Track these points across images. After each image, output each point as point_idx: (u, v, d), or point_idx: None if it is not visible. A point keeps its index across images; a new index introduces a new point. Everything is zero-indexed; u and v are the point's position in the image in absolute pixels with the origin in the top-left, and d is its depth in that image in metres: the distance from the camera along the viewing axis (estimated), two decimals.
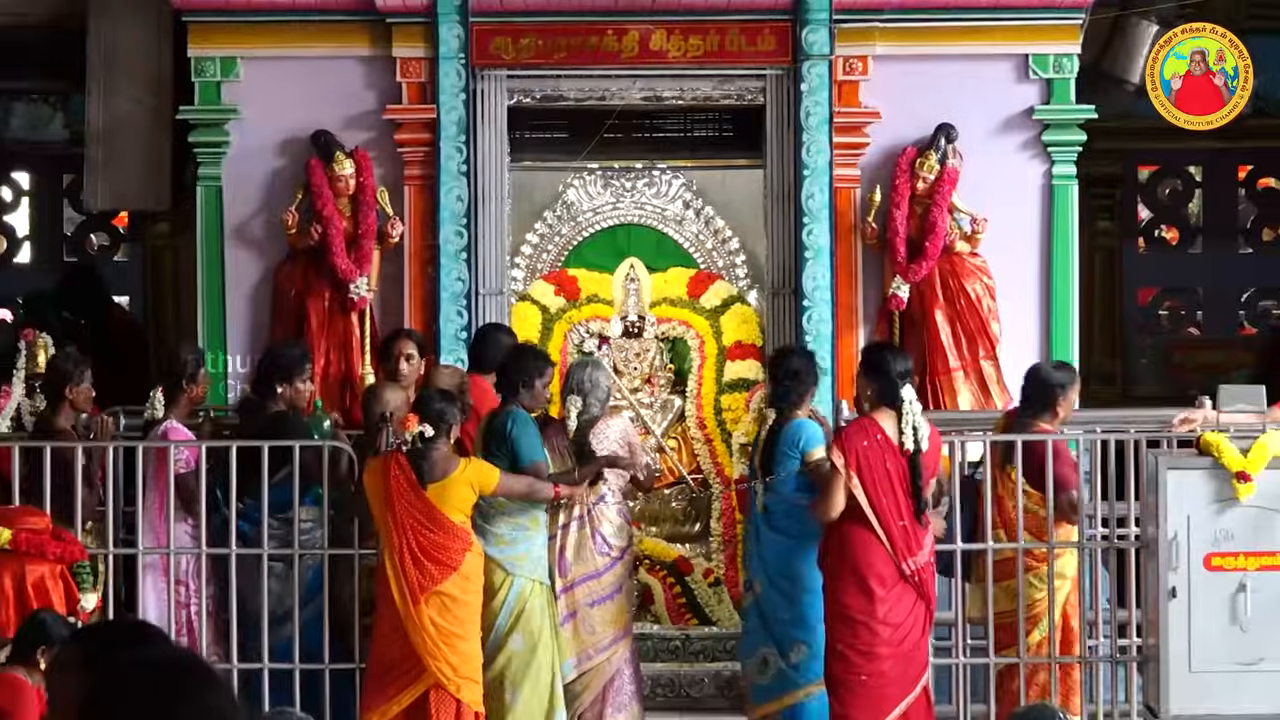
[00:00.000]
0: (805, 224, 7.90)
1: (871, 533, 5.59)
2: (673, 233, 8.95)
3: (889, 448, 5.61)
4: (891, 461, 5.60)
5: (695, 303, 8.76)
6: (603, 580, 6.06)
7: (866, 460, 5.59)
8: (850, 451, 5.63)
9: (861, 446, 5.62)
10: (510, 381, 6.12)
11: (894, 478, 5.59)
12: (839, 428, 6.32)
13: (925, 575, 5.65)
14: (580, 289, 8.80)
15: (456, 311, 7.89)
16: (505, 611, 5.86)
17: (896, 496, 5.58)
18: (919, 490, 5.60)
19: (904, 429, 5.59)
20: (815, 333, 7.86)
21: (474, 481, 5.75)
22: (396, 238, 7.97)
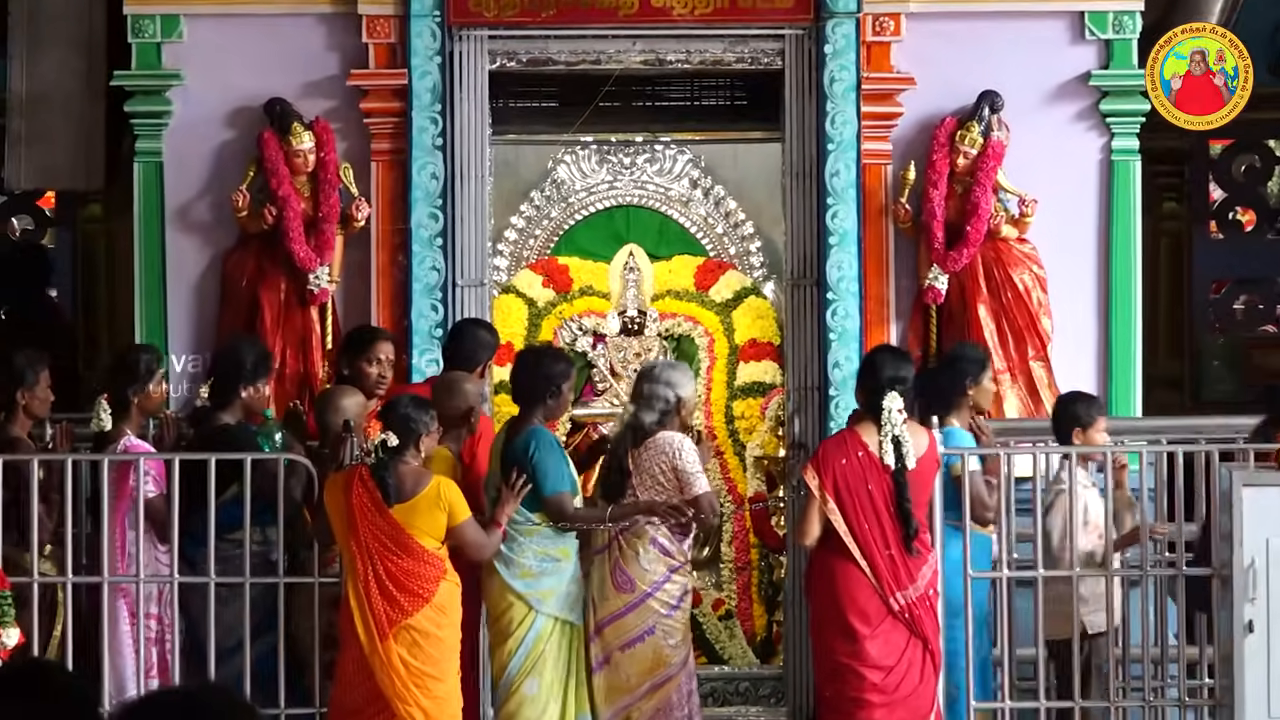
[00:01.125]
0: (829, 205, 7.89)
1: (853, 563, 5.57)
2: (678, 215, 8.99)
3: (871, 465, 5.59)
4: (875, 482, 5.57)
5: (704, 295, 8.80)
6: (626, 621, 5.92)
7: (844, 480, 5.57)
8: (825, 471, 5.60)
9: (839, 465, 5.60)
10: (530, 391, 5.99)
11: (877, 500, 5.57)
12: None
13: (921, 611, 5.61)
14: (572, 280, 8.83)
15: (431, 305, 7.87)
16: (522, 652, 5.83)
17: (881, 522, 5.55)
18: (907, 514, 5.56)
19: (883, 441, 5.57)
20: (840, 330, 7.84)
21: (447, 504, 5.71)
22: (362, 221, 7.96)
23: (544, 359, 6.10)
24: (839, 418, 7.45)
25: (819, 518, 5.61)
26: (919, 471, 5.63)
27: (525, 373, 6.03)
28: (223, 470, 6.02)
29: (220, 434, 6.29)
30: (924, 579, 5.65)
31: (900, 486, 5.56)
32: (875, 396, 5.65)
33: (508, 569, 5.86)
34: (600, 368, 8.72)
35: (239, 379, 6.34)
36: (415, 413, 5.69)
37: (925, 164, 7.97)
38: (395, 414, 5.70)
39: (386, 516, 5.65)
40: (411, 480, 5.70)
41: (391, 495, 5.65)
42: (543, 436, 5.89)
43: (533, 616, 5.85)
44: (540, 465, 5.81)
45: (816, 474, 5.63)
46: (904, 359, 5.83)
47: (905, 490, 5.56)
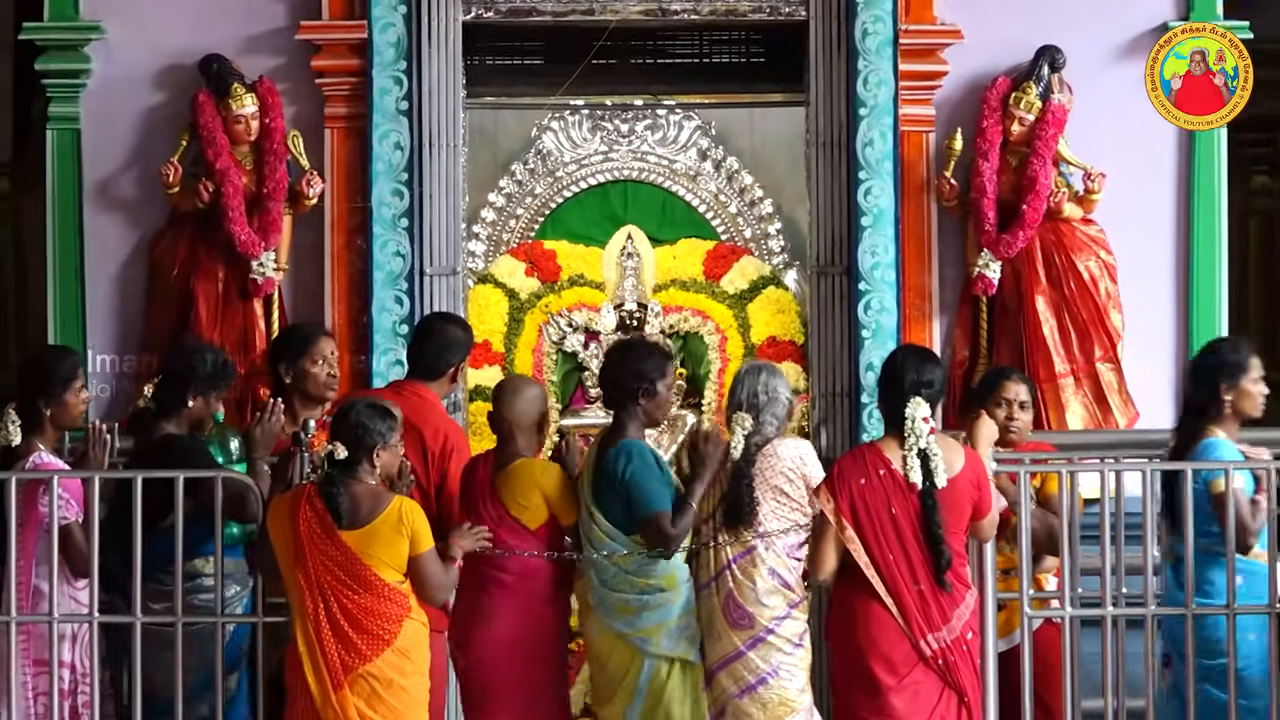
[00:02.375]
0: (862, 180, 7.87)
1: (876, 601, 5.55)
2: (684, 192, 8.96)
3: (895, 485, 5.56)
4: (899, 504, 5.54)
5: (714, 286, 8.77)
6: (745, 663, 5.83)
7: (864, 503, 5.54)
8: (842, 491, 5.56)
9: (858, 485, 5.57)
10: (621, 390, 5.93)
11: (903, 526, 5.55)
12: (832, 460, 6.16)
13: (956, 657, 5.57)
14: (560, 267, 8.80)
15: (394, 297, 7.87)
16: (637, 705, 5.79)
17: (908, 551, 5.53)
18: (938, 542, 5.53)
19: (907, 455, 5.56)
20: (874, 325, 7.83)
21: (409, 529, 5.67)
22: (314, 198, 7.96)
23: (634, 352, 6.02)
24: (874, 429, 7.46)
25: (835, 547, 5.59)
26: (952, 492, 5.57)
27: (612, 370, 5.99)
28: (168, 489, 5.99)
29: (163, 446, 6.24)
30: (959, 620, 5.62)
31: (929, 509, 5.53)
32: (897, 404, 5.64)
33: (603, 607, 5.83)
34: (593, 370, 8.67)
35: (197, 385, 6.32)
36: (370, 420, 5.65)
37: (974, 132, 7.96)
38: (345, 421, 5.65)
39: (339, 544, 5.63)
40: (368, 501, 5.66)
41: (344, 518, 5.62)
42: (635, 449, 5.84)
43: (640, 661, 5.81)
44: (635, 483, 5.76)
45: (831, 496, 5.60)
46: (929, 359, 5.77)
47: (935, 514, 5.52)
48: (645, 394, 5.90)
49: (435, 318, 6.91)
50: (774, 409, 5.99)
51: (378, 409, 5.72)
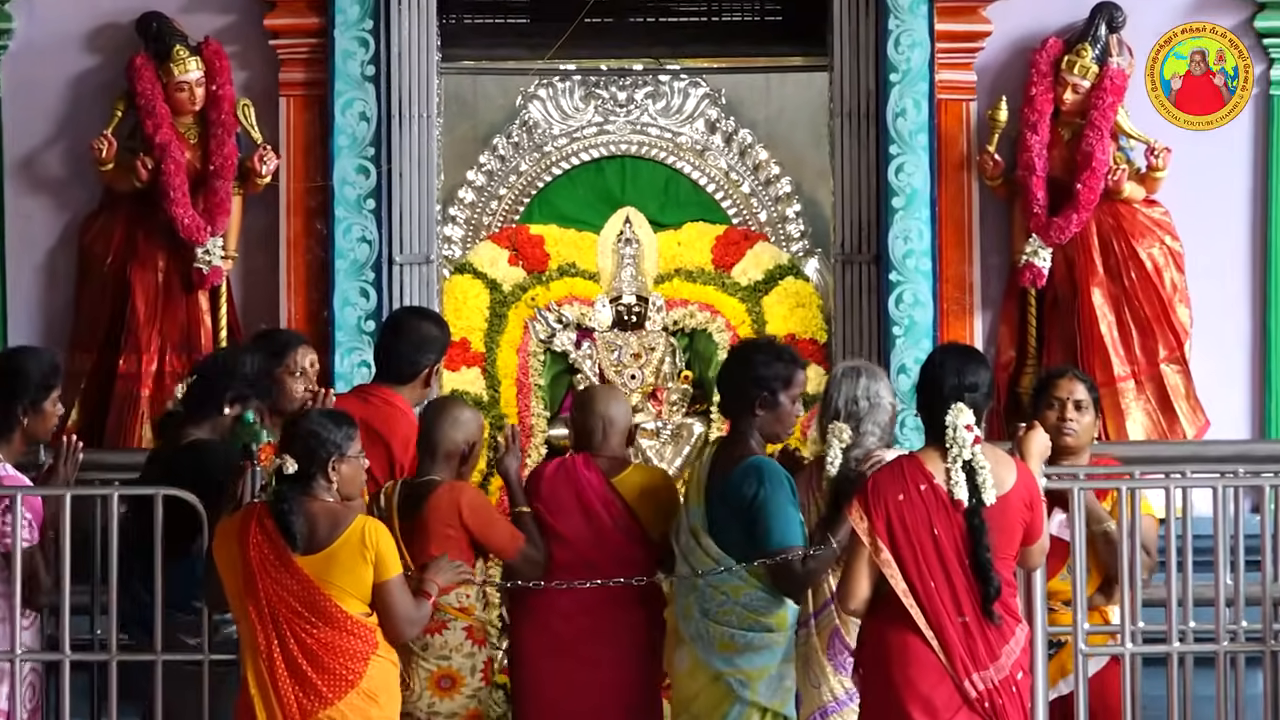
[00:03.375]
0: (893, 156, 7.86)
1: (914, 635, 5.49)
2: (690, 169, 8.94)
3: (937, 502, 5.50)
4: (942, 524, 5.48)
5: (724, 276, 8.74)
6: (845, 717, 5.82)
7: (902, 522, 5.47)
8: (877, 509, 5.48)
9: (895, 502, 5.49)
10: (739, 396, 5.92)
11: (946, 549, 5.49)
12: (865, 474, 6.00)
13: (1005, 699, 5.52)
14: (549, 255, 8.78)
15: (360, 290, 7.87)
16: None
17: (951, 578, 5.48)
18: (986, 568, 5.47)
19: (950, 468, 5.51)
20: (907, 322, 7.84)
21: (373, 553, 5.62)
22: (268, 177, 7.96)
23: (758, 354, 5.97)
24: (911, 440, 7.44)
25: (868, 573, 5.52)
26: (1002, 511, 5.52)
27: (731, 373, 5.96)
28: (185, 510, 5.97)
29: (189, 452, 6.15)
30: (1009, 657, 5.55)
31: (976, 530, 5.46)
32: (936, 411, 5.58)
33: (701, 640, 5.81)
34: (586, 373, 8.66)
35: (226, 390, 6.23)
36: (324, 429, 5.65)
37: (1021, 100, 7.96)
38: (296, 431, 5.65)
39: (293, 570, 5.59)
40: (326, 521, 5.62)
41: (298, 541, 5.58)
42: (769, 471, 5.77)
43: (731, 705, 5.79)
44: (769, 511, 5.73)
45: (865, 514, 5.49)
46: (973, 360, 5.66)
47: (983, 535, 5.46)
48: (764, 404, 5.86)
49: (407, 313, 6.91)
50: (876, 416, 5.96)
51: (332, 416, 5.73)
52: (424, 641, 5.99)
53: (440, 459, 6.09)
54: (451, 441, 6.09)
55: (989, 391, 5.67)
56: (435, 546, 5.99)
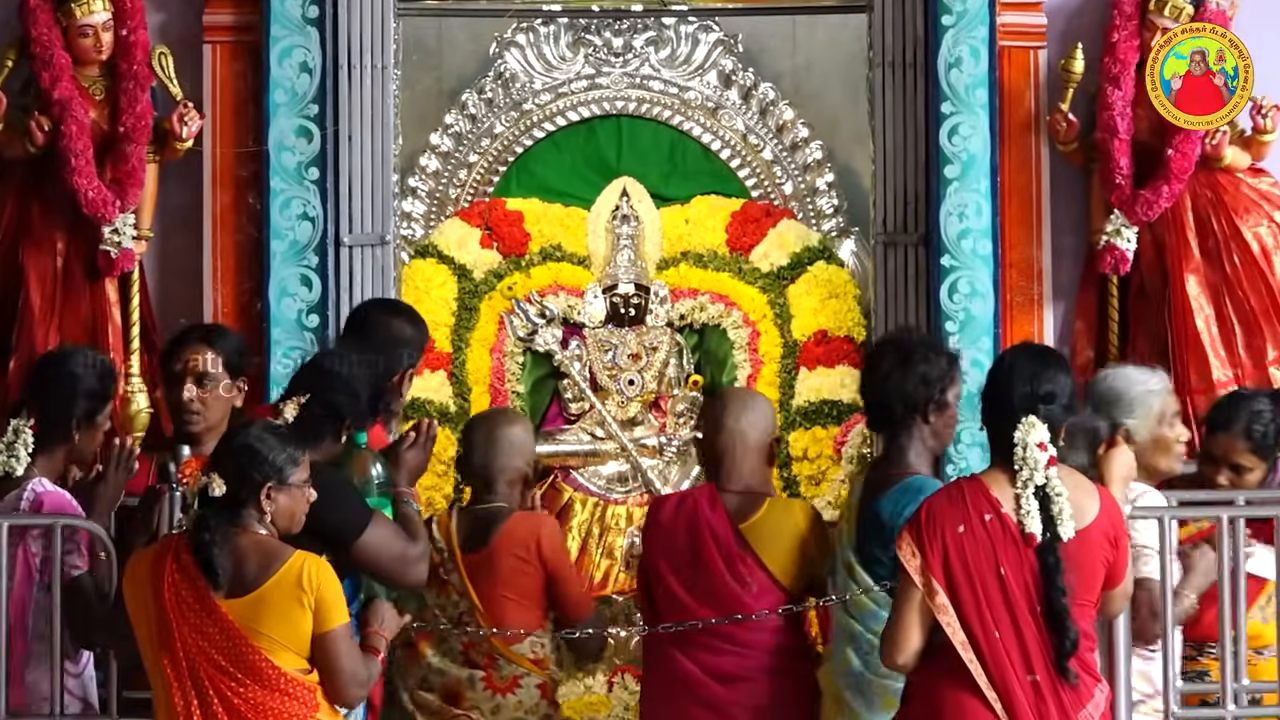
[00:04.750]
0: (945, 116, 7.89)
1: (974, 695, 5.54)
2: (700, 131, 8.95)
3: (1005, 536, 5.56)
4: (1010, 562, 5.53)
5: (742, 261, 8.77)
6: None
7: (962, 559, 5.53)
8: (932, 543, 5.54)
9: (954, 535, 5.56)
10: (904, 403, 6.02)
11: (1015, 592, 5.55)
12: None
13: None
14: (529, 235, 8.82)
15: (300, 277, 7.90)
16: None
17: (1019, 627, 5.54)
18: (1061, 615, 5.52)
19: (1020, 494, 5.56)
20: (963, 315, 7.86)
21: (313, 597, 5.63)
22: (190, 140, 7.99)
23: (917, 351, 6.10)
24: (964, 460, 7.49)
25: (920, 620, 5.56)
26: (1082, 547, 5.56)
27: (886, 379, 6.06)
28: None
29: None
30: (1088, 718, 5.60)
31: (1050, 570, 5.50)
32: (1003, 425, 5.62)
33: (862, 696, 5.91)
34: (575, 377, 8.68)
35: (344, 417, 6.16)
36: (263, 446, 5.68)
37: (1101, 48, 8.00)
38: (230, 446, 5.69)
39: (216, 617, 5.60)
40: (257, 558, 5.62)
41: (221, 580, 5.58)
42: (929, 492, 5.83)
43: None
44: None
45: (917, 549, 5.54)
46: (1049, 364, 5.72)
47: (1058, 576, 5.50)
48: (936, 407, 6.00)
49: (374, 307, 6.93)
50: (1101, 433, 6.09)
51: (278, 434, 5.74)
52: (494, 703, 6.22)
53: (500, 486, 6.36)
54: (514, 469, 6.37)
55: (1069, 401, 5.70)
56: (506, 584, 6.20)
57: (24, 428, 6.31)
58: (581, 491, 8.58)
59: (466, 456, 6.50)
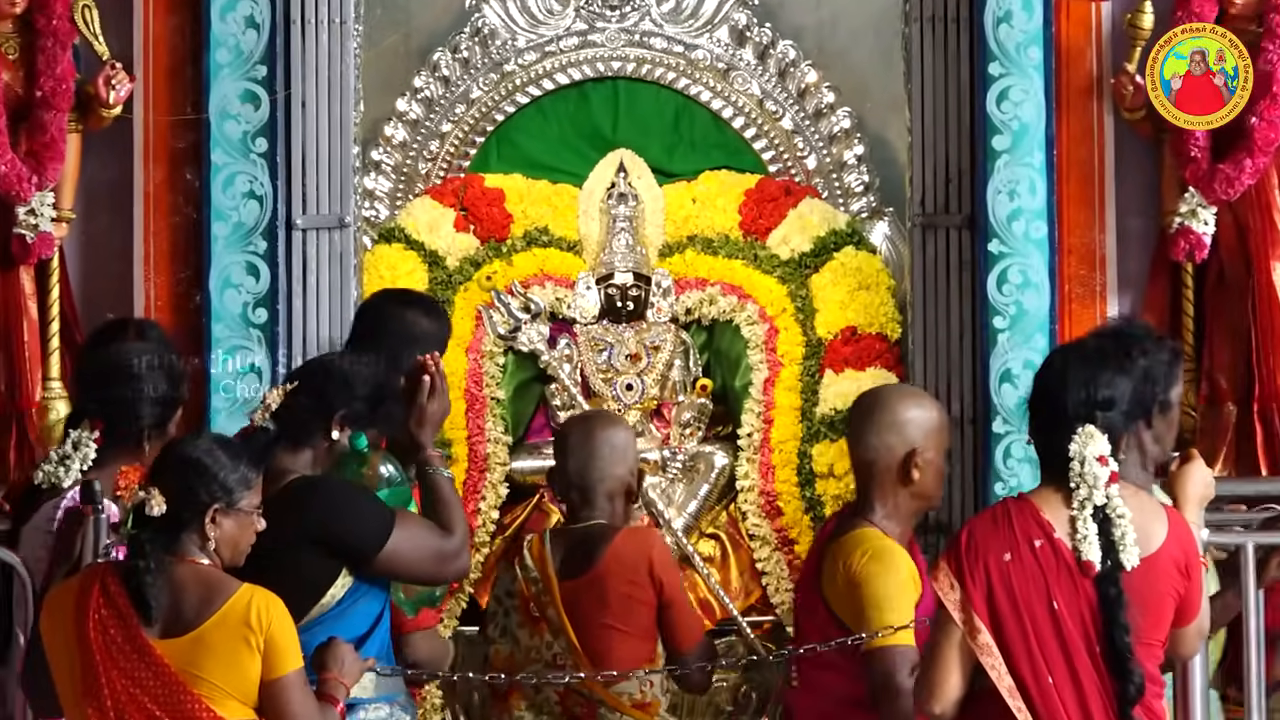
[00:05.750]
0: (993, 78, 7.94)
1: None
2: (710, 97, 9.01)
3: (1060, 566, 5.58)
4: (1065, 595, 5.56)
5: (758, 246, 8.81)
6: None
7: (1009, 592, 5.57)
8: (974, 574, 5.59)
9: (999, 564, 5.59)
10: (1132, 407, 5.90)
11: (1070, 630, 5.59)
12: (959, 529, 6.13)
13: None
14: (511, 217, 8.85)
15: (246, 264, 7.94)
16: None
17: (1076, 671, 5.58)
18: (1124, 655, 5.54)
19: (1077, 516, 5.59)
20: (1014, 309, 7.90)
21: (261, 638, 5.64)
22: (118, 107, 8.02)
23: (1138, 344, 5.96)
24: (1017, 478, 7.51)
25: (960, 662, 5.58)
26: (1148, 577, 5.57)
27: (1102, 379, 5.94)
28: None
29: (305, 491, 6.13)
30: None
31: (1111, 604, 5.52)
32: (1057, 436, 5.65)
33: None
34: (564, 381, 8.68)
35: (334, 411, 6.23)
36: (215, 463, 5.72)
37: (1173, 1, 8.04)
38: (171, 460, 5.72)
39: (150, 659, 5.62)
40: (198, 591, 5.65)
41: (156, 614, 5.61)
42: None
43: None
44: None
45: (956, 581, 5.57)
46: (1108, 365, 5.76)
47: (1120, 611, 5.52)
48: (1162, 408, 5.91)
49: (385, 299, 6.94)
50: None
51: (229, 448, 5.78)
52: None
53: (600, 500, 6.48)
54: (615, 479, 6.48)
55: (1133, 409, 5.70)
56: (613, 614, 6.30)
57: (87, 440, 6.43)
58: None
59: (560, 466, 6.56)
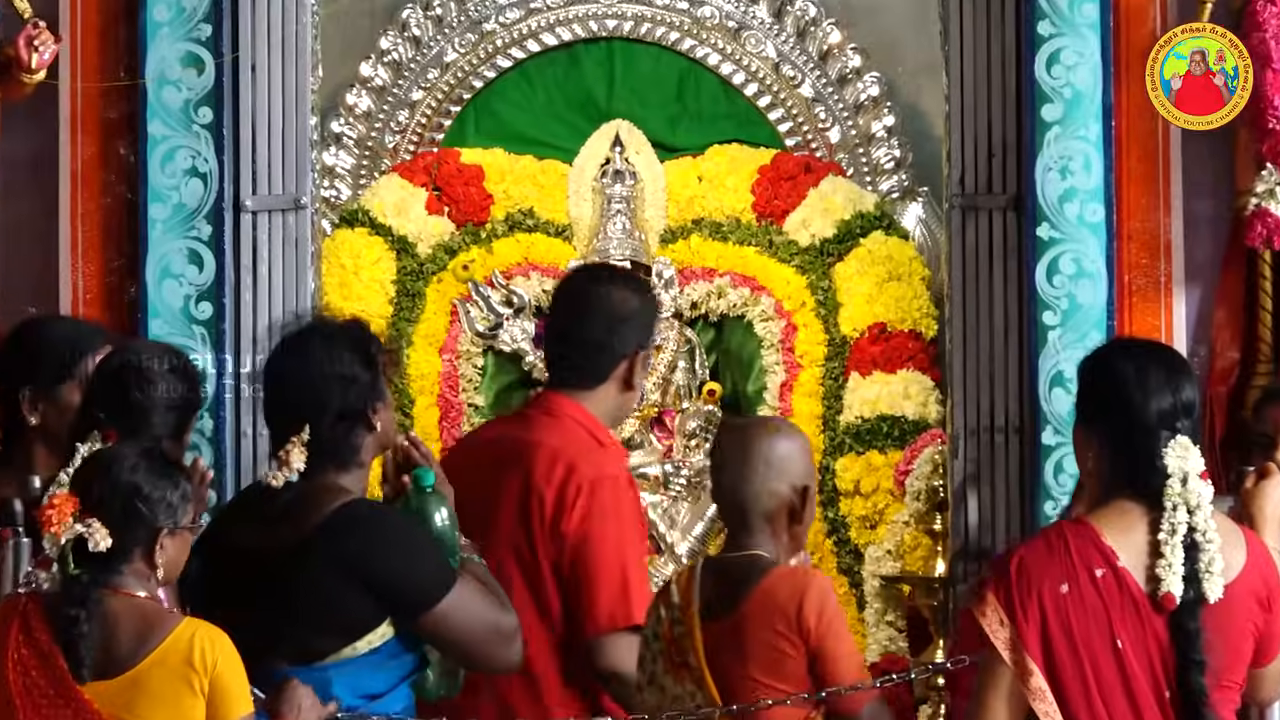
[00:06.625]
0: (1043, 39, 7.92)
1: None
2: (718, 60, 9.03)
3: (1125, 599, 5.58)
4: (1131, 632, 5.57)
5: (774, 230, 8.83)
6: None
7: (1065, 629, 5.58)
8: (1026, 607, 5.61)
9: (1055, 596, 5.60)
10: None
11: (1135, 671, 5.59)
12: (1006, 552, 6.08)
13: None
14: (491, 197, 8.87)
15: (188, 252, 7.92)
16: None
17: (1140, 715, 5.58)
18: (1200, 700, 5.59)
19: (1163, 545, 5.58)
20: (1066, 302, 7.88)
21: (204, 680, 5.64)
22: (41, 72, 7.98)
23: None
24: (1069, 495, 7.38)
25: (1010, 708, 5.60)
26: (1228, 611, 5.58)
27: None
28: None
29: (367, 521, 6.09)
30: None
31: (1189, 640, 5.52)
32: (1143, 450, 5.64)
33: None
34: None
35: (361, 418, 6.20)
36: (154, 485, 5.75)
37: None
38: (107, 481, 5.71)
39: (77, 705, 5.64)
40: (133, 626, 5.67)
41: (85, 660, 5.61)
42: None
43: None
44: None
45: (1006, 616, 5.58)
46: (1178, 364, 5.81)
47: (1198, 650, 5.52)
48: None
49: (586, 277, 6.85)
50: None
51: (156, 461, 5.81)
52: None
53: (756, 523, 6.12)
54: (773, 497, 6.12)
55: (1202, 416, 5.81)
56: (757, 665, 6.06)
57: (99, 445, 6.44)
58: None
59: (714, 482, 6.30)
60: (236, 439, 7.84)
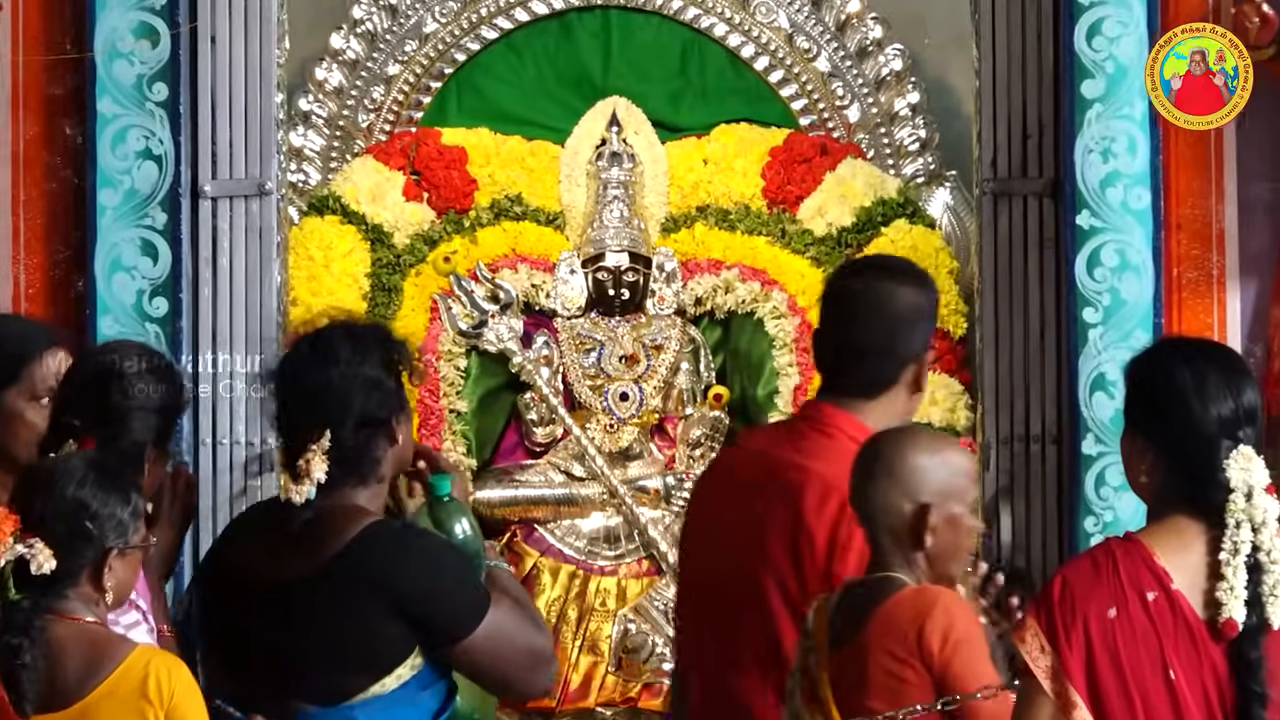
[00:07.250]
0: (1081, 7, 7.97)
1: None
2: (725, 31, 9.05)
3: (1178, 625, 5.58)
4: (1185, 660, 5.57)
5: (787, 218, 8.85)
6: None
7: (1113, 657, 5.59)
8: (1071, 634, 5.60)
9: (1102, 622, 5.60)
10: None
11: (1190, 704, 5.59)
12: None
13: None
14: (475, 182, 8.89)
15: (140, 242, 7.96)
16: None
17: None
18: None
19: (1224, 566, 5.58)
20: (1108, 295, 7.92)
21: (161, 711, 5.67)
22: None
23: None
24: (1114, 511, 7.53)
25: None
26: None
27: None
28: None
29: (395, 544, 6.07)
30: None
31: (1250, 670, 5.51)
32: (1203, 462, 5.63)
33: None
34: (541, 388, 8.72)
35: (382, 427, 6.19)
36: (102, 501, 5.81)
37: None
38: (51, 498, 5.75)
39: None
40: (81, 655, 5.71)
41: (28, 693, 5.64)
42: None
43: None
44: None
45: (1048, 643, 5.58)
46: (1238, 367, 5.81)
47: (1259, 680, 5.52)
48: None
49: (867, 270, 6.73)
50: None
51: (107, 473, 5.86)
52: None
53: (884, 540, 6.07)
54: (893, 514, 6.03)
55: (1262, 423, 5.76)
56: (878, 696, 6.02)
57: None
58: (552, 556, 8.69)
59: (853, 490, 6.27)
60: (195, 447, 7.88)
